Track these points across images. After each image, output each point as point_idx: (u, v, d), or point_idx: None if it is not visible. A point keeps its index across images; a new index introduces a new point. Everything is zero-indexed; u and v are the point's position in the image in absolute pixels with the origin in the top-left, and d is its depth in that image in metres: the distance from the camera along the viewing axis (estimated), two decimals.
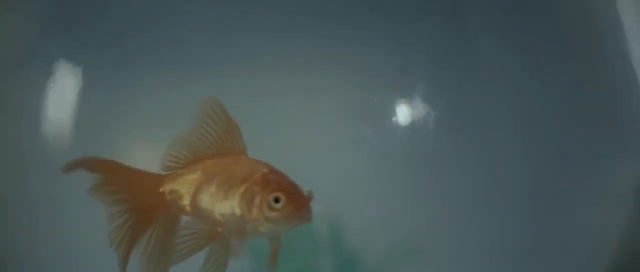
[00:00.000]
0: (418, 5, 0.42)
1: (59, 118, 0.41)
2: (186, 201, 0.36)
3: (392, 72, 0.41)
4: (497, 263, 0.42)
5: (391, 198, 0.42)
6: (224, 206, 0.35)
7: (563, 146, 0.42)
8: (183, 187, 0.36)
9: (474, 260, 0.42)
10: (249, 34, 0.43)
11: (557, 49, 0.42)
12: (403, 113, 0.40)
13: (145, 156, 0.41)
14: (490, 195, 0.42)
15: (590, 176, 0.43)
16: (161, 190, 0.36)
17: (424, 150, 0.41)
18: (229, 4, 0.43)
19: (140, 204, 0.35)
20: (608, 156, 0.43)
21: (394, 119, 0.40)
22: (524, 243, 0.42)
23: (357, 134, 0.41)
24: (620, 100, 0.44)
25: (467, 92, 0.41)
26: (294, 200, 0.35)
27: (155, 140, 0.41)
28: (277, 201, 0.35)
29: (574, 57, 0.43)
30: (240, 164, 0.36)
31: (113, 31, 0.41)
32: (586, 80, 0.43)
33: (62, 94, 0.41)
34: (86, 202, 0.41)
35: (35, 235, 0.44)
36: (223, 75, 0.42)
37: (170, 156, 0.36)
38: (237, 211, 0.35)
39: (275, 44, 0.42)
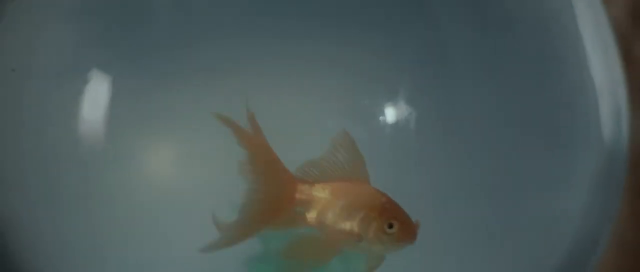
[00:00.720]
0: (401, 18, 0.46)
1: (93, 120, 0.45)
2: (313, 214, 0.43)
3: (380, 78, 0.45)
4: (466, 247, 0.47)
5: (378, 186, 0.45)
6: (345, 225, 0.42)
7: (526, 141, 0.46)
8: (314, 202, 0.43)
9: (446, 243, 0.46)
10: (253, 37, 0.46)
11: (521, 57, 0.46)
12: (389, 114, 0.44)
13: (170, 154, 0.45)
14: (461, 185, 0.46)
15: (550, 169, 0.47)
16: (296, 196, 0.42)
17: (406, 145, 0.45)
18: (236, 12, 0.46)
19: (273, 202, 0.42)
20: (566, 150, 0.47)
21: (381, 118, 0.44)
22: (491, 229, 0.47)
23: (349, 131, 0.44)
24: (576, 101, 0.48)
25: (443, 96, 0.45)
26: (405, 226, 0.42)
27: (178, 140, 0.45)
28: (390, 226, 0.42)
29: (536, 64, 0.47)
30: (363, 191, 0.43)
31: (142, 43, 0.45)
32: (547, 84, 0.47)
33: (96, 99, 0.45)
34: (123, 198, 0.46)
35: (75, 233, 0.47)
36: (232, 78, 0.45)
37: (302, 171, 0.42)
38: (356, 231, 0.42)
39: (277, 48, 0.46)
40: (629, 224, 0.57)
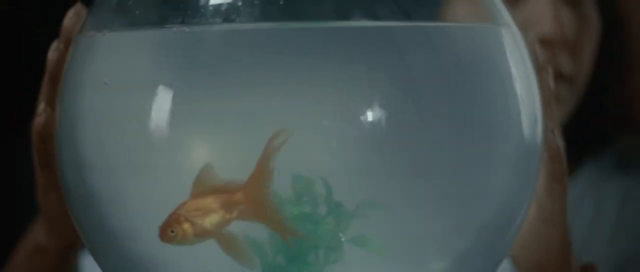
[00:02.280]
0: (378, 50, 0.56)
1: (160, 121, 0.54)
2: None
3: (360, 89, 0.55)
4: (417, 209, 0.57)
5: (361, 168, 0.56)
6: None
7: (466, 135, 0.57)
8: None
9: (405, 206, 0.57)
10: (269, 57, 0.55)
11: (464, 79, 0.57)
12: (368, 114, 0.54)
13: (213, 143, 0.55)
14: (418, 163, 0.56)
15: (482, 155, 0.58)
16: None
17: (380, 137, 0.55)
18: (259, 44, 0.56)
19: None
20: (495, 142, 0.58)
21: (361, 117, 0.54)
22: (437, 196, 0.57)
23: (340, 128, 0.55)
24: (503, 107, 0.58)
25: (406, 103, 0.56)
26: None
27: (219, 134, 0.55)
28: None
29: (475, 84, 0.58)
30: None
31: (194, 67, 0.55)
32: (483, 96, 0.58)
33: (162, 106, 0.54)
34: (180, 175, 0.54)
35: (149, 199, 0.56)
36: (254, 88, 0.55)
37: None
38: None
39: (287, 65, 0.55)
40: (547, 199, 0.68)
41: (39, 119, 0.66)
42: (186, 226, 0.53)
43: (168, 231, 0.53)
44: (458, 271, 0.60)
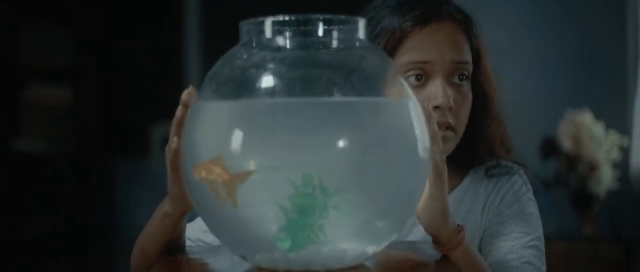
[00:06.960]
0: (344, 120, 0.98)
1: (237, 149, 0.97)
2: None
3: (338, 134, 0.96)
4: (365, 191, 0.97)
5: (337, 170, 0.95)
6: None
7: (391, 155, 0.98)
8: None
9: (360, 190, 0.97)
10: (295, 117, 0.97)
11: (390, 125, 1.00)
12: (342, 146, 0.95)
13: (268, 155, 0.98)
14: (367, 171, 0.97)
15: (398, 165, 0.99)
16: None
17: (347, 157, 0.96)
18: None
19: None
20: (404, 157, 1.00)
21: (338, 147, 0.96)
22: (376, 185, 0.98)
23: (327, 153, 0.95)
24: (406, 141, 1.00)
25: (360, 140, 0.96)
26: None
27: (273, 150, 0.97)
28: None
29: (394, 127, 1.00)
30: None
31: (259, 119, 0.98)
32: (401, 132, 1.00)
33: (237, 140, 0.98)
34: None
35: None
36: (294, 133, 0.97)
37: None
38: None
39: (304, 120, 0.96)
40: (432, 186, 1.09)
41: (172, 145, 1.09)
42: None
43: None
44: (388, 223, 1.02)
